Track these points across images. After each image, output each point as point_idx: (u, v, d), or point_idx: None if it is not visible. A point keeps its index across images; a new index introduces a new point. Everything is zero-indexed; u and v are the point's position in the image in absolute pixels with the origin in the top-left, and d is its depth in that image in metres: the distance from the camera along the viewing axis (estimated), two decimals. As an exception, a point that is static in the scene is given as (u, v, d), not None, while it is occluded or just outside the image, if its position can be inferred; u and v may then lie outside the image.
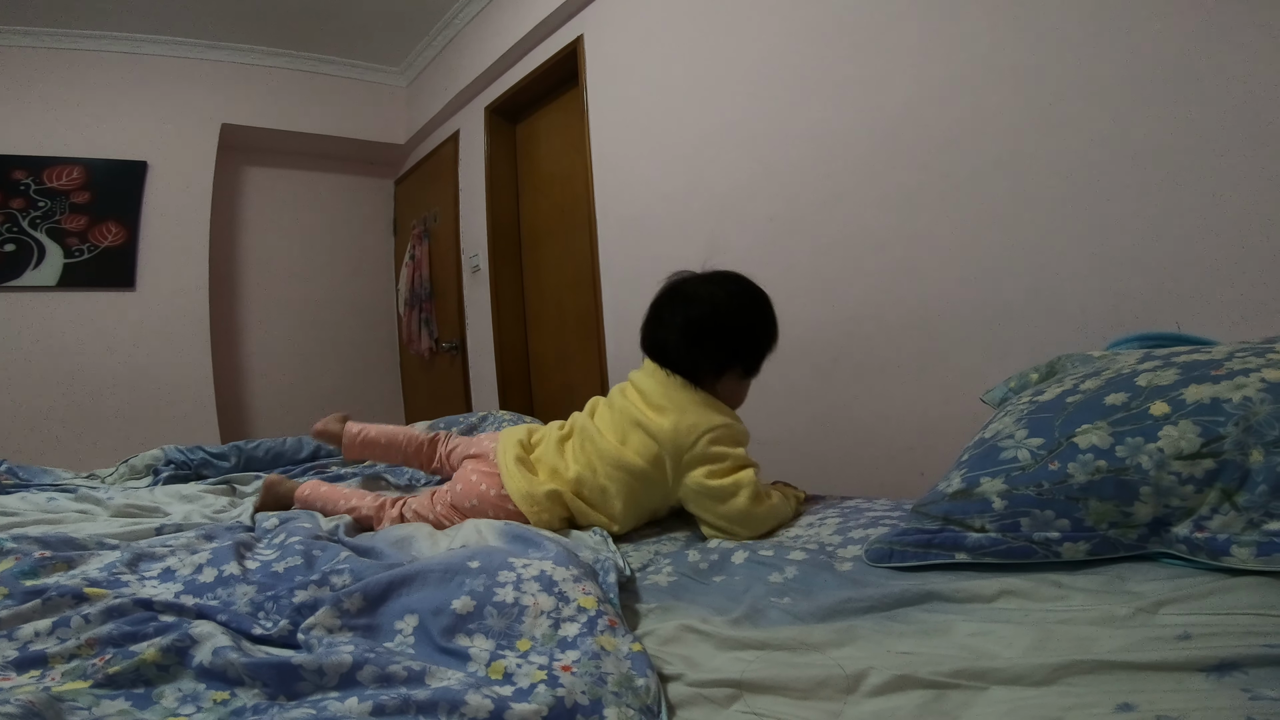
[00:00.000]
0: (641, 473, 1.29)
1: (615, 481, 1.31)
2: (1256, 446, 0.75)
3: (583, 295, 3.22)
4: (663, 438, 1.28)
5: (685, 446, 1.27)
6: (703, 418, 1.29)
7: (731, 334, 1.35)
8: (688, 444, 1.27)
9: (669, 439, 1.27)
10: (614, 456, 1.31)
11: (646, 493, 1.32)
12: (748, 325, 1.38)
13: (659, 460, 1.28)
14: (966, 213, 1.73)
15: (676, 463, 1.27)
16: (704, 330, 1.34)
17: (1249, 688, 0.56)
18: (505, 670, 0.70)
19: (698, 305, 1.36)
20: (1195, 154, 1.35)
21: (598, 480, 1.32)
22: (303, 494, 1.63)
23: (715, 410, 1.31)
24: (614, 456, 1.31)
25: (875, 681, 0.68)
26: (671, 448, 1.27)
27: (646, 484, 1.30)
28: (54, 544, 1.13)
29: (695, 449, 1.26)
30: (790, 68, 2.15)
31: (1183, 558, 0.79)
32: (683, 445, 1.27)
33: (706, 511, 1.25)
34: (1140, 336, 1.18)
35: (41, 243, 3.55)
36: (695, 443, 1.26)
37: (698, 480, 1.25)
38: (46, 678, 0.71)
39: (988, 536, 0.88)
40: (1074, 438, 0.87)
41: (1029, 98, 1.60)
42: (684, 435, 1.27)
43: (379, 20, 3.96)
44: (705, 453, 1.26)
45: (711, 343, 1.34)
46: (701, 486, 1.25)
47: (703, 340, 1.34)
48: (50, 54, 3.62)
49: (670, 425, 1.28)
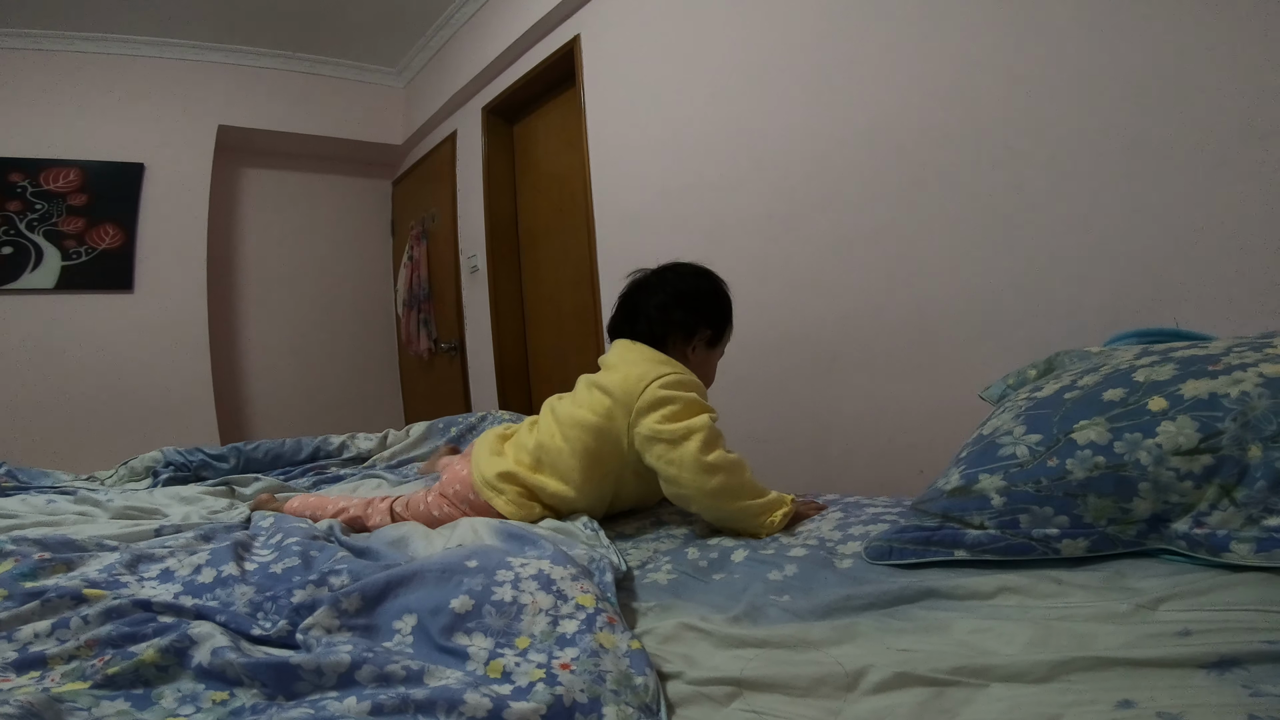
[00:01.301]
0: (594, 427, 1.30)
1: (570, 441, 1.31)
2: (1255, 442, 0.75)
3: (581, 294, 3.22)
4: (613, 389, 1.30)
5: (635, 393, 1.28)
6: (652, 368, 1.31)
7: (695, 299, 1.42)
8: (637, 391, 1.28)
9: (619, 388, 1.29)
10: (569, 416, 1.34)
11: (601, 448, 1.31)
12: (709, 291, 1.45)
13: (610, 413, 1.29)
14: (963, 209, 1.73)
15: (627, 411, 1.28)
16: (671, 301, 1.41)
17: (1250, 684, 0.56)
18: (504, 669, 0.70)
19: (663, 286, 1.44)
20: (1190, 149, 1.35)
21: (555, 442, 1.33)
22: (291, 506, 1.61)
23: (667, 363, 1.33)
24: (569, 416, 1.34)
25: (875, 679, 0.67)
26: (622, 396, 1.29)
27: (600, 438, 1.30)
28: (53, 546, 1.13)
29: (645, 395, 1.27)
30: (786, 66, 2.15)
31: (1182, 554, 0.79)
32: (633, 393, 1.28)
33: (659, 459, 1.25)
34: (1138, 333, 1.18)
35: (39, 245, 3.54)
36: (644, 390, 1.27)
37: (650, 426, 1.25)
38: (46, 679, 0.71)
39: (987, 534, 0.88)
40: (1072, 434, 0.87)
41: (1023, 95, 1.60)
42: (633, 383, 1.29)
43: (375, 21, 3.95)
44: (655, 396, 1.26)
45: (679, 311, 1.40)
46: (653, 431, 1.25)
47: (670, 309, 1.40)
48: (46, 56, 3.61)
49: (620, 377, 1.31)
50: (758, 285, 2.25)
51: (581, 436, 1.31)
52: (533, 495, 1.34)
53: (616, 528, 1.38)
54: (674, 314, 1.40)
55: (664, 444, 1.24)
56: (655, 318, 1.40)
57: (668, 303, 1.40)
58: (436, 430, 2.49)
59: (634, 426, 1.27)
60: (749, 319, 2.31)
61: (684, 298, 1.41)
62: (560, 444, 1.32)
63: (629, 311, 1.45)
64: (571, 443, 1.31)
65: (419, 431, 2.48)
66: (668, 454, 1.23)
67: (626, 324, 1.44)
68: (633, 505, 1.48)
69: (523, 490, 1.34)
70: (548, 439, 1.35)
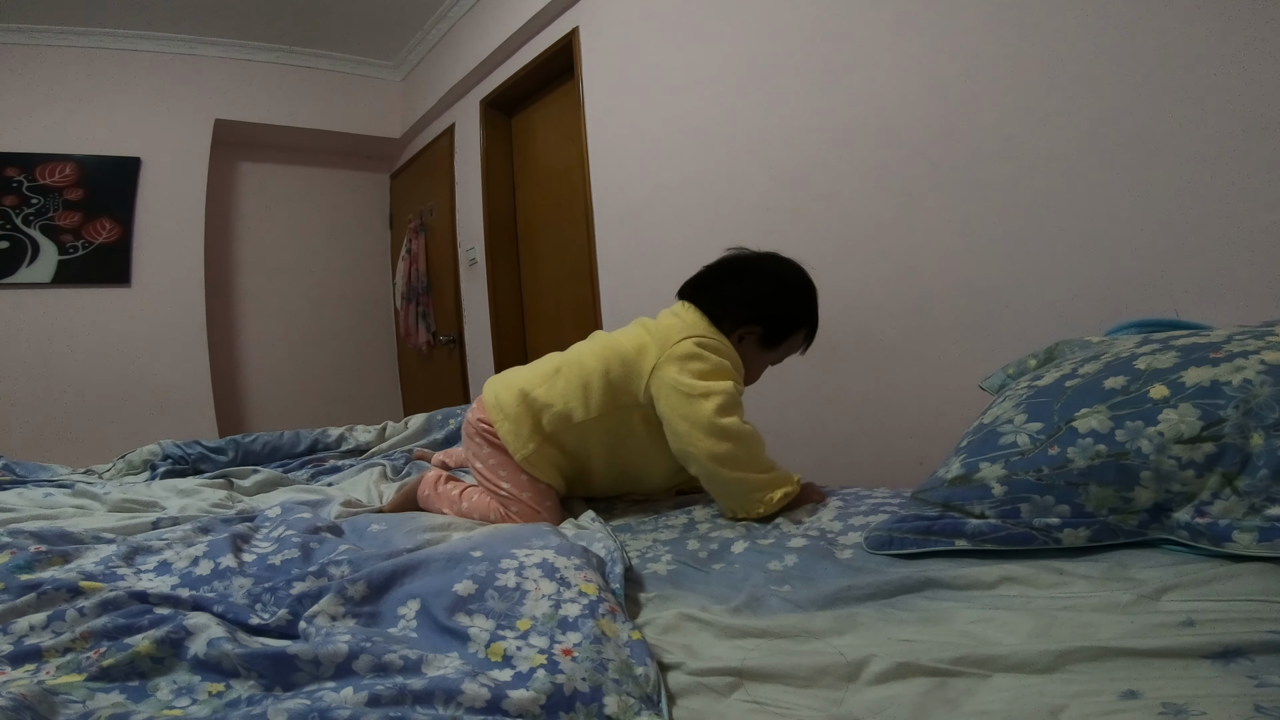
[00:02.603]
0: (624, 355, 1.31)
1: (600, 359, 1.32)
2: (1257, 430, 0.75)
3: (580, 287, 3.21)
4: (654, 330, 1.33)
5: (669, 340, 1.29)
6: (697, 329, 1.31)
7: (763, 294, 1.38)
8: (673, 339, 1.29)
9: (659, 332, 1.32)
10: (608, 339, 1.36)
11: (623, 377, 1.31)
12: (782, 295, 1.40)
13: (643, 349, 1.31)
14: (962, 201, 1.72)
15: (657, 354, 1.28)
16: (737, 285, 1.38)
17: (1255, 675, 0.55)
18: (504, 653, 0.70)
19: (741, 268, 1.41)
20: (1190, 141, 1.34)
21: (583, 359, 1.34)
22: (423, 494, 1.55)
23: (713, 333, 1.32)
24: (608, 339, 1.36)
25: (877, 669, 0.67)
26: (659, 338, 1.30)
27: (626, 368, 1.30)
28: (49, 538, 1.13)
29: (679, 345, 1.27)
30: (785, 58, 2.15)
31: (1184, 544, 0.78)
32: (668, 339, 1.29)
33: (673, 410, 1.24)
34: (1138, 323, 1.17)
35: (35, 240, 3.54)
36: (680, 340, 1.28)
37: (670, 375, 1.25)
38: (42, 671, 0.71)
39: (988, 523, 0.88)
40: (1073, 422, 0.86)
41: (1022, 87, 1.59)
42: (673, 333, 1.30)
43: (372, 15, 3.93)
44: (687, 350, 1.27)
45: (741, 298, 1.37)
46: (673, 380, 1.25)
47: (733, 292, 1.37)
48: (42, 51, 3.60)
49: (665, 325, 1.33)
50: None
51: (610, 359, 1.32)
52: (536, 423, 1.33)
53: (615, 518, 1.38)
54: (732, 297, 1.37)
55: (680, 395, 1.24)
56: (716, 293, 1.39)
57: (730, 284, 1.39)
58: (435, 422, 2.49)
59: (657, 369, 1.27)
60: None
61: (748, 286, 1.39)
62: (588, 360, 1.33)
63: (701, 279, 1.43)
64: (601, 361, 1.32)
65: (418, 423, 2.48)
66: (681, 406, 1.23)
67: (691, 289, 1.43)
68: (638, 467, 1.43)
69: (526, 413, 1.33)
70: (575, 355, 1.36)
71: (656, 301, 2.61)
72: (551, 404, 1.32)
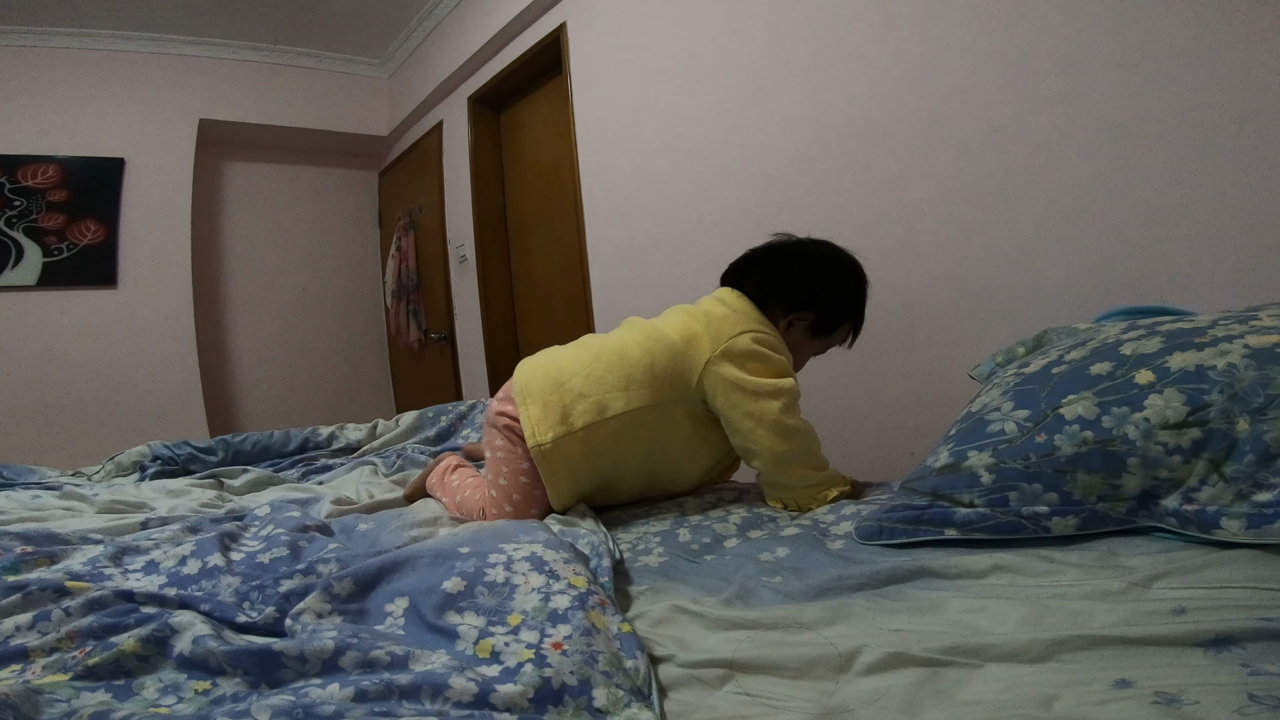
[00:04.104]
0: (673, 346, 1.23)
1: (640, 348, 1.24)
2: (1242, 415, 0.75)
3: (571, 282, 3.21)
4: (706, 321, 1.24)
5: (725, 335, 1.21)
6: (750, 321, 1.25)
7: (813, 277, 1.32)
8: (729, 334, 1.21)
9: (712, 324, 1.23)
10: (652, 328, 1.27)
11: (670, 370, 1.22)
12: (834, 278, 1.35)
13: (694, 340, 1.23)
14: (950, 191, 1.72)
15: (712, 348, 1.21)
16: (787, 268, 1.32)
17: (1248, 663, 0.55)
18: (493, 649, 0.69)
19: (789, 251, 1.35)
20: (1175, 130, 1.35)
21: (622, 347, 1.25)
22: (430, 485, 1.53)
23: (764, 324, 1.26)
24: (652, 328, 1.27)
25: (868, 660, 0.67)
26: (712, 331, 1.22)
27: (674, 360, 1.22)
28: (36, 539, 1.12)
29: (737, 341, 1.21)
30: (771, 51, 2.14)
31: (1173, 531, 0.78)
32: (723, 334, 1.21)
33: (734, 408, 1.18)
34: (1126, 311, 1.18)
35: (19, 242, 3.50)
36: (737, 335, 1.21)
37: (732, 373, 1.19)
38: (27, 671, 0.70)
39: (976, 512, 0.88)
40: (1060, 409, 0.86)
41: (1009, 77, 1.59)
42: (728, 326, 1.23)
43: (358, 12, 3.90)
44: (747, 348, 1.20)
45: (792, 281, 1.31)
46: (735, 378, 1.18)
47: (783, 274, 1.31)
48: (22, 51, 3.55)
49: (718, 315, 1.25)
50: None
51: (656, 350, 1.23)
52: (564, 414, 1.22)
53: (606, 511, 1.37)
54: (785, 281, 1.31)
55: (744, 394, 1.18)
56: (766, 276, 1.32)
57: (783, 268, 1.32)
58: (427, 420, 2.48)
59: (712, 365, 1.20)
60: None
61: (802, 271, 1.32)
62: (631, 350, 1.24)
63: (747, 263, 1.37)
64: (646, 352, 1.23)
65: (409, 421, 2.47)
66: (746, 404, 1.18)
67: (737, 273, 1.37)
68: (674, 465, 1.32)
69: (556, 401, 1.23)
70: (616, 343, 1.26)
71: (648, 295, 2.63)
72: (588, 393, 1.22)
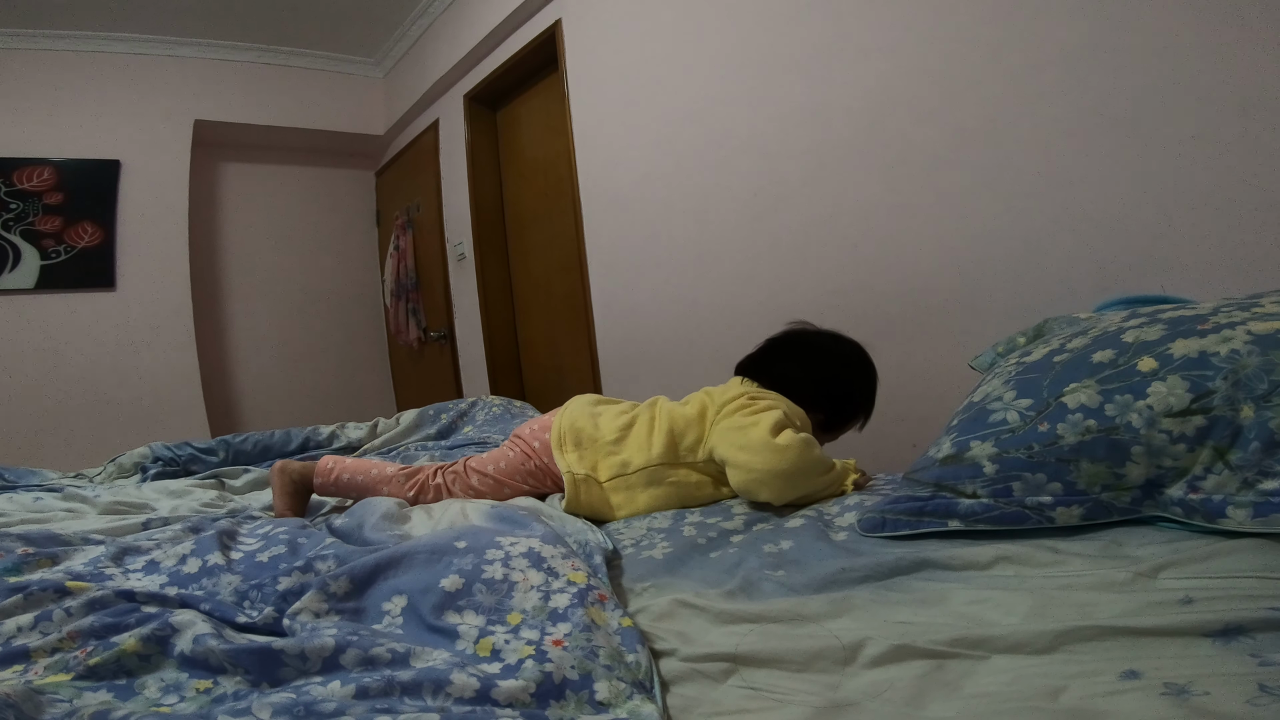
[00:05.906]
0: (686, 417, 1.36)
1: (663, 416, 1.38)
2: (1247, 402, 0.74)
3: (570, 278, 3.20)
4: (714, 395, 1.38)
5: (729, 400, 1.33)
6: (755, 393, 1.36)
7: (824, 383, 1.43)
8: (731, 397, 1.34)
9: (719, 396, 1.37)
10: (671, 407, 1.40)
11: (684, 435, 1.34)
12: (848, 378, 1.46)
13: (704, 412, 1.36)
14: (949, 182, 1.72)
15: (715, 413, 1.33)
16: (803, 352, 1.45)
17: (1257, 653, 0.55)
18: (493, 647, 0.69)
19: (803, 356, 1.46)
20: (1173, 119, 1.34)
21: (650, 419, 1.39)
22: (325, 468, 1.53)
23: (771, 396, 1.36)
24: (671, 407, 1.40)
25: (873, 652, 0.67)
26: (718, 400, 1.35)
27: (687, 427, 1.35)
28: (37, 540, 1.11)
29: (735, 401, 1.32)
30: (769, 44, 2.13)
31: (1179, 521, 0.78)
32: (728, 400, 1.34)
33: (730, 446, 1.25)
34: (1126, 299, 1.18)
35: (16, 245, 3.49)
36: (737, 397, 1.33)
37: (726, 419, 1.29)
38: (30, 672, 0.70)
39: (980, 503, 0.87)
40: (1063, 397, 0.86)
41: (1006, 67, 1.59)
42: (729, 391, 1.37)
43: (353, 12, 3.89)
44: (737, 398, 1.32)
45: (808, 364, 1.43)
46: (730, 422, 1.28)
47: (800, 358, 1.44)
48: (15, 53, 3.54)
49: (723, 391, 1.39)
50: (745, 263, 2.25)
51: (675, 418, 1.36)
52: (593, 467, 1.36)
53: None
54: (797, 381, 1.41)
55: (733, 431, 1.25)
56: (777, 373, 1.42)
57: (793, 365, 1.43)
58: (427, 418, 2.47)
59: (714, 424, 1.31)
60: (737, 296, 2.31)
61: (815, 370, 1.43)
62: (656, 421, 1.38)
63: (762, 358, 1.48)
64: (666, 419, 1.37)
65: (409, 419, 2.46)
66: (736, 439, 1.24)
67: (753, 366, 1.47)
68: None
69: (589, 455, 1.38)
70: (645, 413, 1.41)
71: (646, 289, 2.63)
72: (616, 453, 1.36)
